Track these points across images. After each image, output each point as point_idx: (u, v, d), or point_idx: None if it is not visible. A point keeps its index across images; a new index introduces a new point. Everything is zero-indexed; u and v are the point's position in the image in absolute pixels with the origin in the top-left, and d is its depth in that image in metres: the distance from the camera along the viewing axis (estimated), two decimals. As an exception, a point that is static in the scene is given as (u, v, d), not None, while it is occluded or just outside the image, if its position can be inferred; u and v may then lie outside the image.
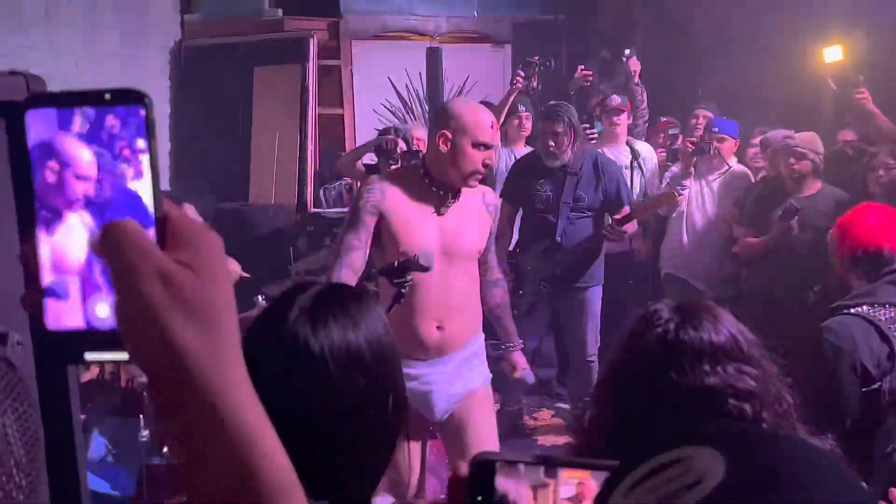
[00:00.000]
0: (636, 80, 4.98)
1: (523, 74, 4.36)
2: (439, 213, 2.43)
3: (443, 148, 2.36)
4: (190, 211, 4.27)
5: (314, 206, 5.74)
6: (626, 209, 3.91)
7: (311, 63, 5.94)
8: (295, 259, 5.06)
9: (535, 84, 5.32)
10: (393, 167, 4.29)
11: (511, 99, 4.49)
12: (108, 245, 0.50)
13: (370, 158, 4.62)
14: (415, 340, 2.40)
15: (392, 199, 2.38)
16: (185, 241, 0.51)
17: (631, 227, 3.94)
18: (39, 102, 0.53)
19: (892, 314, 1.96)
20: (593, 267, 3.99)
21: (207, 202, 5.69)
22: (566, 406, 4.60)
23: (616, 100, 4.64)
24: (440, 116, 2.47)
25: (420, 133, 4.98)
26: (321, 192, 6.04)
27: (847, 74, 4.31)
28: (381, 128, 6.35)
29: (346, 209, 5.55)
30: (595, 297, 4.03)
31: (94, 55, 5.43)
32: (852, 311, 2.01)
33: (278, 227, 5.48)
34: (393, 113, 6.92)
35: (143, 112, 0.52)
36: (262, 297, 3.54)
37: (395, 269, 2.14)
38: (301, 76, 5.88)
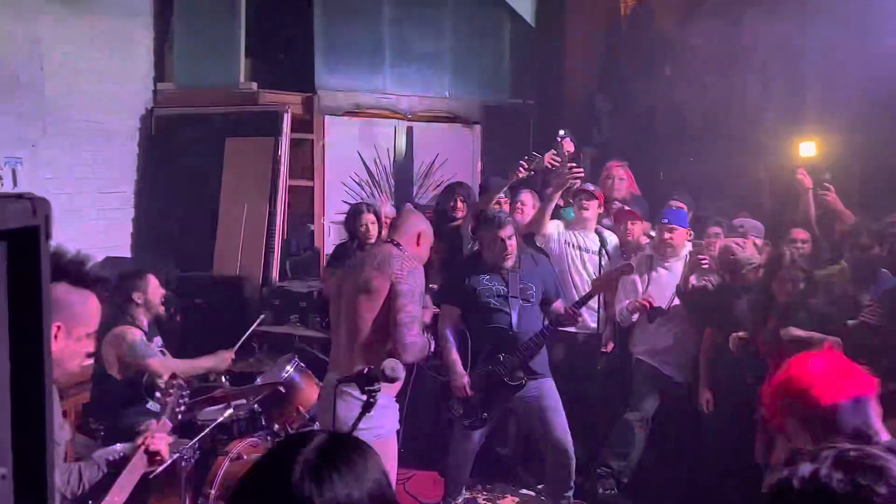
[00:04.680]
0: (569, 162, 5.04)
1: (526, 166, 4.45)
2: None
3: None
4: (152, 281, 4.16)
5: (280, 280, 5.65)
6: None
7: (283, 136, 5.96)
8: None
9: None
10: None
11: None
12: None
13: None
14: None
15: None
16: None
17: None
18: None
19: None
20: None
21: (170, 271, 5.57)
22: (531, 493, 4.51)
23: (590, 185, 4.71)
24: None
25: (388, 210, 5.02)
26: (286, 265, 5.97)
27: (817, 172, 4.46)
28: (350, 201, 6.39)
29: (314, 282, 5.50)
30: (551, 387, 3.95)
31: (65, 120, 5.36)
32: None
33: (242, 299, 5.37)
34: (361, 186, 6.96)
35: None
36: (225, 378, 3.41)
37: (365, 377, 2.11)
38: (273, 148, 5.89)
